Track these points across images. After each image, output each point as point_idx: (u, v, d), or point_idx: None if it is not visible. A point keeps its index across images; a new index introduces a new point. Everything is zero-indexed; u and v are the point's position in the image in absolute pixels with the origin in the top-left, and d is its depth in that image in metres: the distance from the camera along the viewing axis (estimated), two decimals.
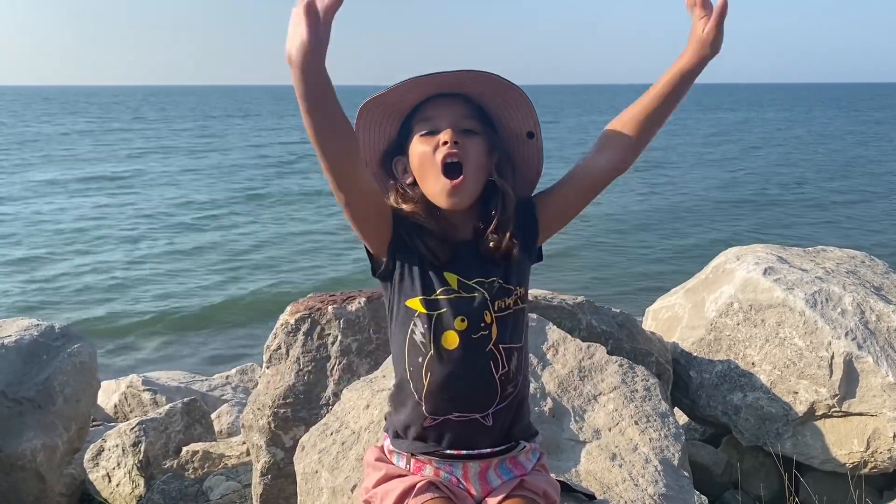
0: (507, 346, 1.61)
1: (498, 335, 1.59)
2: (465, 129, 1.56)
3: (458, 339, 1.57)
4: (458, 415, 1.60)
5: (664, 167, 26.27)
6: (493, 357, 1.59)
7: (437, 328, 1.57)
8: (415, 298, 1.59)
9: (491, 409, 1.61)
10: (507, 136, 1.64)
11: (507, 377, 1.61)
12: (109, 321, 10.65)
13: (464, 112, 1.57)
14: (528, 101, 1.59)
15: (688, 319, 4.14)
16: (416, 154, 1.58)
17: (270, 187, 23.69)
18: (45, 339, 4.08)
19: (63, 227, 17.10)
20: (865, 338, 3.51)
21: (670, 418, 2.46)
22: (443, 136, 1.55)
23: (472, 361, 1.58)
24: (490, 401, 1.61)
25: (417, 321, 1.59)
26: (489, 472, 1.65)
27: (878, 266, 4.22)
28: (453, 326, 1.57)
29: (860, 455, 3.53)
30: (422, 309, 1.58)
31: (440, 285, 1.58)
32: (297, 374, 3.19)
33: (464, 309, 1.57)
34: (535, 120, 1.62)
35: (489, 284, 1.59)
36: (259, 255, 14.60)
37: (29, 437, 3.75)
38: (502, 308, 1.60)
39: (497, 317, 1.59)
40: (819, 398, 3.55)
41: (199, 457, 4.24)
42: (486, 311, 1.58)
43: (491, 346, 1.58)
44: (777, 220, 17.77)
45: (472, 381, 1.59)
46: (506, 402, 1.62)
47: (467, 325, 1.57)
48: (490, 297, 1.59)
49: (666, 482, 2.16)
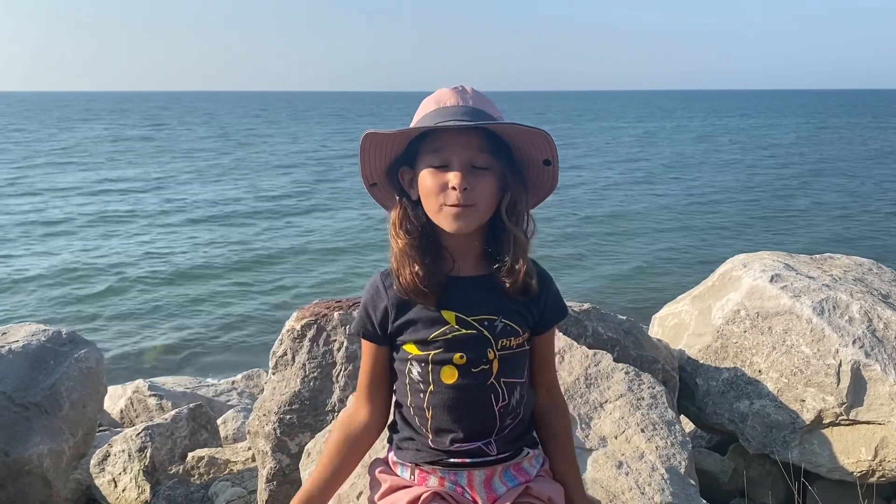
0: (509, 381, 1.60)
1: (499, 370, 1.58)
2: (477, 167, 1.51)
3: (457, 373, 1.57)
4: (460, 445, 1.61)
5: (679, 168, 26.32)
6: (494, 390, 1.59)
7: (434, 365, 1.58)
8: (409, 343, 1.60)
9: (493, 438, 1.62)
10: (522, 160, 1.58)
11: (506, 409, 1.61)
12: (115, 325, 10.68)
13: (477, 144, 1.51)
14: (549, 138, 1.52)
15: (694, 327, 4.12)
16: (424, 184, 1.53)
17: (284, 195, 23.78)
18: (52, 345, 4.09)
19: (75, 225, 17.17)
20: (873, 346, 3.49)
21: (677, 426, 2.45)
22: (452, 180, 1.49)
23: (471, 394, 1.58)
24: (490, 432, 1.62)
25: (413, 362, 1.60)
26: (494, 479, 1.65)
27: (886, 273, 4.20)
28: (452, 361, 1.57)
29: (868, 464, 3.50)
30: (416, 352, 1.59)
31: (437, 327, 1.57)
32: (303, 381, 3.19)
33: (462, 346, 1.57)
34: (553, 151, 1.55)
35: (491, 323, 1.58)
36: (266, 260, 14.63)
37: (35, 441, 3.76)
38: (506, 347, 1.59)
39: (500, 354, 1.58)
40: (826, 406, 3.53)
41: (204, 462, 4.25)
42: (488, 348, 1.57)
43: (492, 380, 1.58)
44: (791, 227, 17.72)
45: (472, 413, 1.59)
46: (506, 431, 1.63)
47: (466, 360, 1.57)
48: (493, 336, 1.57)
49: (672, 490, 2.15)
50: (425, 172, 1.53)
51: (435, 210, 1.53)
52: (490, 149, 1.52)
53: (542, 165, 1.57)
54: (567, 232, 16.11)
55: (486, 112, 1.53)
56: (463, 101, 1.53)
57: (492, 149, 1.52)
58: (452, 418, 1.60)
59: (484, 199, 1.52)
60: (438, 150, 1.51)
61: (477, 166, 1.51)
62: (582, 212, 18.22)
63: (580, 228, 16.64)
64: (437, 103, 1.55)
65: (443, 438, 1.61)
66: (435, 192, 1.51)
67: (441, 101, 1.54)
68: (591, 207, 19.20)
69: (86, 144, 42.01)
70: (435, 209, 1.53)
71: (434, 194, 1.52)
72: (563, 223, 16.75)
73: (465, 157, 1.50)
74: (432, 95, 1.58)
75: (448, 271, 1.59)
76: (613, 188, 23.99)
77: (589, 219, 17.55)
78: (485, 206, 1.53)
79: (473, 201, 1.51)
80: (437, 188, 1.51)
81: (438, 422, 1.61)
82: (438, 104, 1.54)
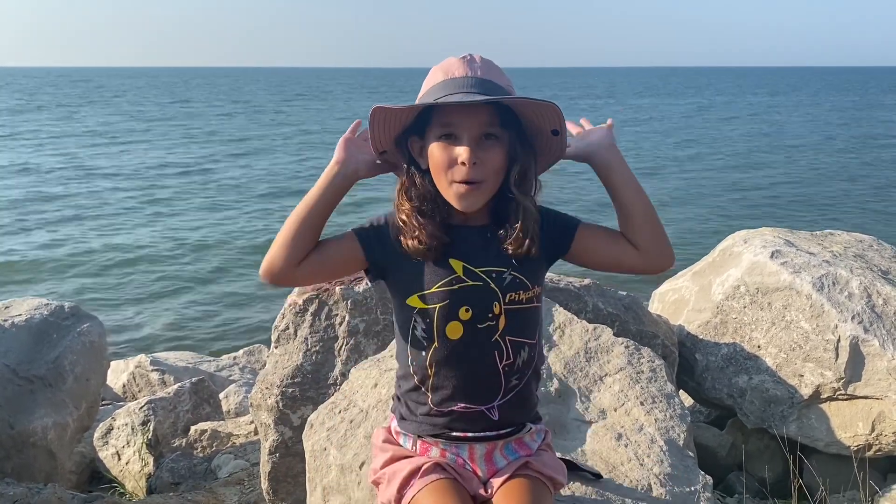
0: (516, 340, 1.59)
1: (506, 326, 1.57)
2: (486, 134, 1.50)
3: (462, 328, 1.56)
4: (464, 406, 1.61)
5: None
6: (498, 347, 1.58)
7: (439, 321, 1.56)
8: (413, 296, 1.57)
9: (496, 402, 1.61)
10: (531, 129, 1.56)
11: (511, 368, 1.60)
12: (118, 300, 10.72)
13: (486, 118, 1.50)
14: (557, 109, 1.50)
15: (694, 302, 4.14)
16: (433, 158, 1.53)
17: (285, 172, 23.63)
18: (55, 319, 4.11)
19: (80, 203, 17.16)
20: (872, 321, 3.51)
21: (676, 399, 2.47)
22: (462, 154, 1.48)
23: (475, 351, 1.57)
24: (494, 392, 1.61)
25: (417, 318, 1.58)
26: (495, 453, 1.66)
27: (886, 250, 4.20)
28: (457, 316, 1.55)
29: (865, 438, 3.54)
30: (420, 305, 1.57)
31: (443, 276, 1.56)
32: (305, 354, 3.21)
33: (468, 299, 1.55)
34: (561, 121, 1.53)
35: (499, 275, 1.56)
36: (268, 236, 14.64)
37: (40, 414, 3.80)
38: (514, 301, 1.57)
39: (507, 309, 1.56)
40: (824, 381, 3.55)
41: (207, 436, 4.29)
42: (494, 301, 1.56)
43: (497, 337, 1.57)
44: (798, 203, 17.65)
45: (475, 370, 1.59)
46: (511, 394, 1.62)
47: (472, 314, 1.55)
48: (500, 289, 1.56)
49: (671, 462, 2.17)
50: (434, 146, 1.52)
51: (445, 185, 1.53)
52: (499, 121, 1.51)
53: (551, 135, 1.56)
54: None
55: (495, 83, 1.52)
56: (471, 71, 1.52)
57: (500, 120, 1.51)
58: (455, 376, 1.59)
59: (492, 171, 1.52)
60: (447, 124, 1.50)
61: (486, 136, 1.50)
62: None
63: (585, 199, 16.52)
64: (445, 73, 1.53)
65: (443, 398, 1.60)
66: (444, 167, 1.51)
67: (449, 72, 1.53)
68: None
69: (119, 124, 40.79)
70: (445, 184, 1.53)
71: (443, 169, 1.52)
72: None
73: (475, 131, 1.50)
74: (440, 65, 1.56)
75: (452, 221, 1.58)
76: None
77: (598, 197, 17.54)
78: (493, 180, 1.53)
79: (482, 177, 1.51)
80: (446, 162, 1.51)
81: (440, 379, 1.59)
82: (447, 75, 1.53)
